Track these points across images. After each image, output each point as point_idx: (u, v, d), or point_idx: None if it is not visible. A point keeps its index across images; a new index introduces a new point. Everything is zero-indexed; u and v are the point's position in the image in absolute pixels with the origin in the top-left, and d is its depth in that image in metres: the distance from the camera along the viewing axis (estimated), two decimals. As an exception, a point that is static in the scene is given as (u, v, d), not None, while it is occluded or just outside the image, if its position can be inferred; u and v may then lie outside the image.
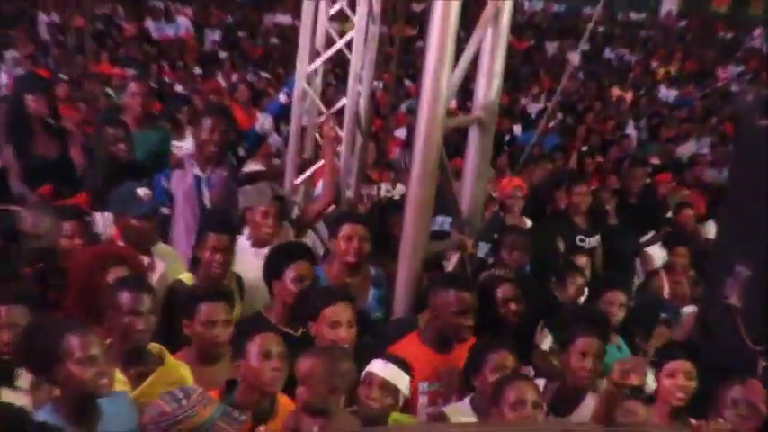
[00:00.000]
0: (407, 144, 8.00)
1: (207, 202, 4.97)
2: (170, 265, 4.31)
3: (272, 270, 4.13)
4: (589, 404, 3.80)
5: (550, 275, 5.09)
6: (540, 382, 3.87)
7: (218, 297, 3.67)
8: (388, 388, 3.41)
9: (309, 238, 5.35)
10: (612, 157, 10.14)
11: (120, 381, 3.14)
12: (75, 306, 3.59)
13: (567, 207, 6.22)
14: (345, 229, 4.41)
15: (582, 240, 6.13)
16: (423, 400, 3.85)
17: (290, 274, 4.05)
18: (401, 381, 3.44)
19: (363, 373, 3.44)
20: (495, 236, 5.38)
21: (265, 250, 4.58)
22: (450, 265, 4.82)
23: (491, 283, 4.39)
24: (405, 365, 3.49)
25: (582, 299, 5.13)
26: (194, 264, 4.34)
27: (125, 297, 3.30)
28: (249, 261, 4.52)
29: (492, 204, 6.33)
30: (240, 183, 5.12)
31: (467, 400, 3.75)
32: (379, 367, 3.44)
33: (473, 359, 3.73)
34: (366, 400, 3.39)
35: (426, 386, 3.86)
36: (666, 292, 6.00)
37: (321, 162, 5.47)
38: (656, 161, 9.94)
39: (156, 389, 3.13)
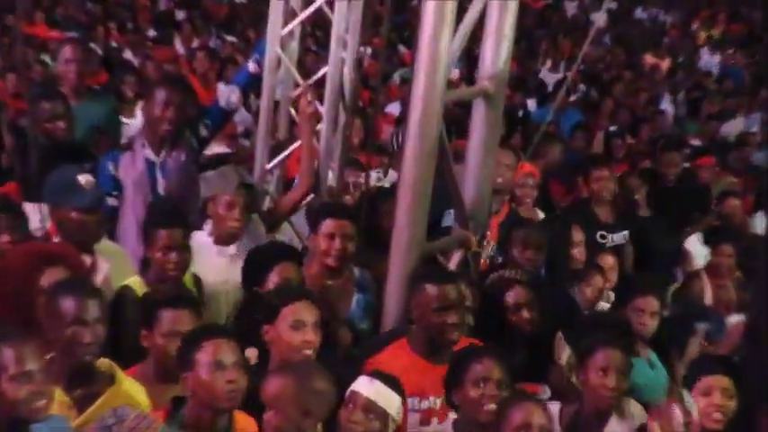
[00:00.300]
0: (401, 121, 8.01)
1: (162, 191, 4.98)
2: (116, 266, 4.31)
3: (254, 275, 4.18)
4: (613, 429, 3.83)
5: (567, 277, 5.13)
6: (555, 407, 3.90)
7: (183, 303, 3.70)
8: (375, 410, 3.41)
9: (284, 234, 5.37)
10: (645, 137, 10.16)
11: (64, 403, 3.15)
12: (5, 314, 3.60)
13: (588, 197, 6.24)
14: (326, 226, 4.43)
15: (603, 237, 6.13)
16: (413, 418, 3.86)
17: (273, 278, 4.10)
18: (390, 402, 3.44)
19: (347, 392, 3.45)
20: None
21: (231, 248, 4.61)
22: (452, 264, 4.83)
23: (500, 285, 4.41)
24: (395, 384, 3.49)
25: (608, 306, 5.17)
26: (145, 265, 4.35)
27: (67, 304, 3.30)
28: (211, 260, 4.54)
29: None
30: (201, 168, 5.13)
31: (449, 421, 3.75)
32: (363, 386, 3.44)
33: (453, 370, 3.71)
34: (348, 424, 3.39)
35: (417, 402, 3.87)
36: (709, 297, 6.03)
37: (297, 143, 5.48)
38: (696, 142, 9.99)
39: (105, 412, 3.13)
